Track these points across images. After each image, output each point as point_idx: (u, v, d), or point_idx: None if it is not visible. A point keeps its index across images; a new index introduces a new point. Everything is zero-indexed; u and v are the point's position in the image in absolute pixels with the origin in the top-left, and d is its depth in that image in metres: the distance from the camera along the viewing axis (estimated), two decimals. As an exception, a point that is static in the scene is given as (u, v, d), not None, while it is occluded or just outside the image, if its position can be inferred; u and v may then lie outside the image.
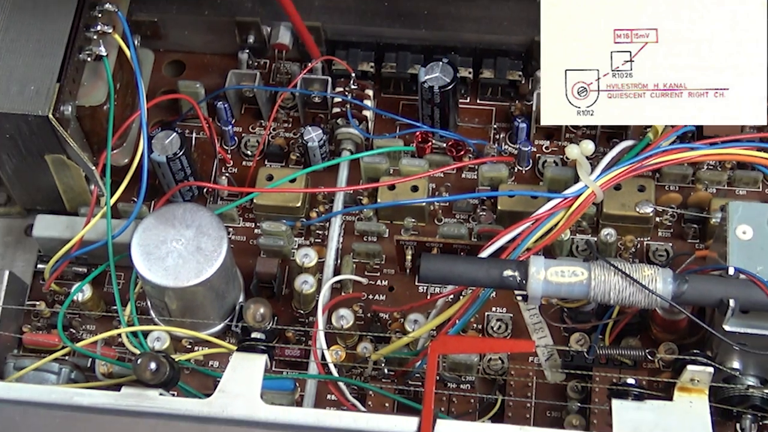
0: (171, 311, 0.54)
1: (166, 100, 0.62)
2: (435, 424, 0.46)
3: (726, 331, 0.47)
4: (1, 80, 0.53)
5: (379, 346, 0.55)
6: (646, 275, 0.47)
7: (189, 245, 0.52)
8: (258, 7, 0.60)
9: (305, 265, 0.56)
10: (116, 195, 0.56)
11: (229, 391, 0.48)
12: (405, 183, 0.58)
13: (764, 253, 0.49)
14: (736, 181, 0.58)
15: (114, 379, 0.53)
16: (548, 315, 0.56)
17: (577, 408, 0.54)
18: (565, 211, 0.53)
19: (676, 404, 0.48)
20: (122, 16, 0.56)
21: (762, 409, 0.50)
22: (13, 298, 0.56)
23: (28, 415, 0.47)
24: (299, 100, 0.61)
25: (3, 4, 0.56)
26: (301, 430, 0.46)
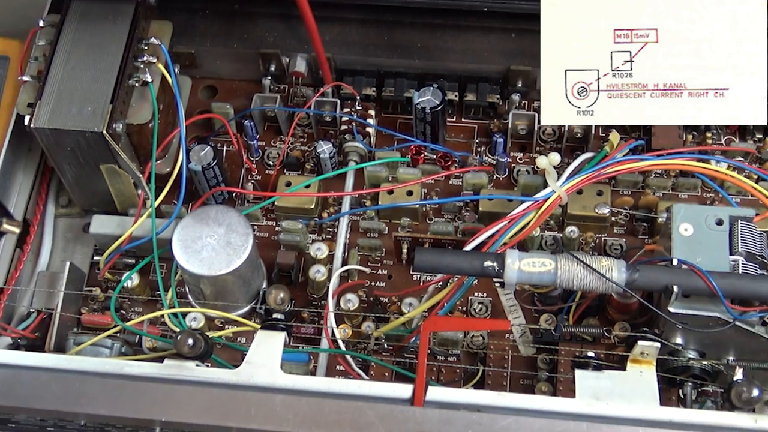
0: (205, 296, 0.54)
1: (201, 119, 0.61)
2: (426, 390, 0.46)
3: (671, 312, 0.47)
4: (63, 102, 0.53)
5: (379, 325, 0.54)
6: (603, 265, 0.47)
7: (221, 240, 0.51)
8: (278, 41, 0.60)
9: (318, 257, 0.56)
10: (159, 198, 0.55)
11: (254, 363, 0.47)
12: (401, 188, 0.58)
13: (702, 247, 0.48)
14: (679, 186, 0.58)
15: (158, 352, 0.53)
16: (521, 299, 0.56)
17: (546, 377, 0.53)
18: (536, 212, 0.52)
19: (628, 374, 0.47)
20: (165, 48, 0.56)
21: (701, 377, 0.50)
22: (73, 284, 0.56)
23: (86, 383, 0.47)
24: (313, 119, 0.61)
25: (65, 39, 0.55)
26: (314, 396, 0.46)
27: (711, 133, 0.58)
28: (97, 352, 0.53)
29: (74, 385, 0.46)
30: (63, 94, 0.53)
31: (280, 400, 0.45)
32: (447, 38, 0.59)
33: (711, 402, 0.50)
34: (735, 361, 0.49)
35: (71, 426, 0.51)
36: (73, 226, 0.61)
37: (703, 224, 0.49)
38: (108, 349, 0.53)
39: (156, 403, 0.46)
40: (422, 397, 0.45)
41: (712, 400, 0.50)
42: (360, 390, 0.46)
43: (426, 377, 0.45)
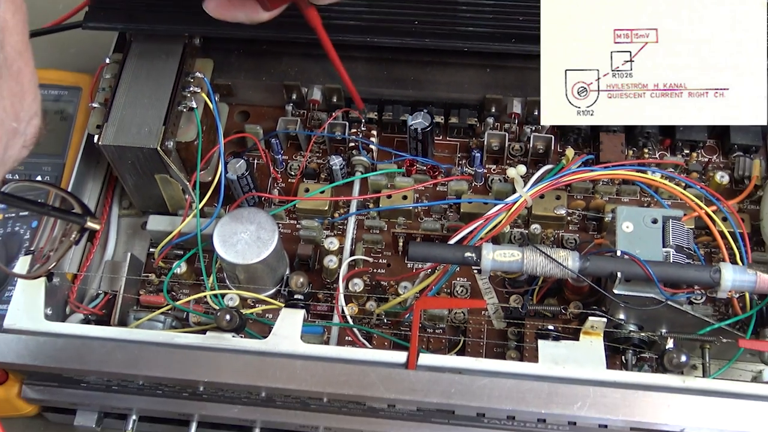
0: (239, 280, 0.54)
1: (236, 138, 0.61)
2: (418, 357, 0.46)
3: (615, 293, 0.47)
4: (125, 124, 0.53)
5: (380, 304, 0.54)
6: (561, 256, 0.47)
7: (252, 236, 0.51)
8: (298, 75, 0.60)
9: (330, 249, 0.55)
10: (203, 201, 0.55)
11: (279, 334, 0.48)
12: (398, 194, 0.58)
13: (641, 241, 0.48)
14: (622, 192, 0.57)
15: (201, 326, 0.53)
16: (495, 283, 0.56)
17: (514, 346, 0.53)
18: (506, 213, 0.52)
19: (581, 343, 0.47)
20: (207, 81, 0.56)
21: (639, 346, 0.50)
22: (133, 271, 0.56)
23: (143, 350, 0.47)
24: (326, 138, 0.60)
25: (127, 73, 0.55)
26: (327, 361, 0.46)
27: (647, 149, 0.58)
28: (152, 326, 0.53)
29: (134, 352, 0.47)
30: (125, 117, 0.53)
31: (300, 365, 0.46)
32: (434, 73, 0.59)
33: (647, 366, 0.50)
34: (667, 333, 0.49)
35: (131, 385, 0.51)
36: (133, 225, 0.61)
37: (641, 222, 0.48)
38: (161, 324, 0.53)
39: (200, 367, 0.46)
40: (415, 362, 0.46)
41: (648, 365, 0.50)
42: (364, 356, 0.47)
43: (418, 346, 0.46)
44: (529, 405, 0.44)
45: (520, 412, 0.45)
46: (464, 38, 0.56)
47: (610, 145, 0.57)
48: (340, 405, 0.49)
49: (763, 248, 0.54)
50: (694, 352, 0.49)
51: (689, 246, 0.49)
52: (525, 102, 0.58)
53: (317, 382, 0.45)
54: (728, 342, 0.48)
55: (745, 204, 0.57)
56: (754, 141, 0.57)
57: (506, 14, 0.56)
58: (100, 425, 0.55)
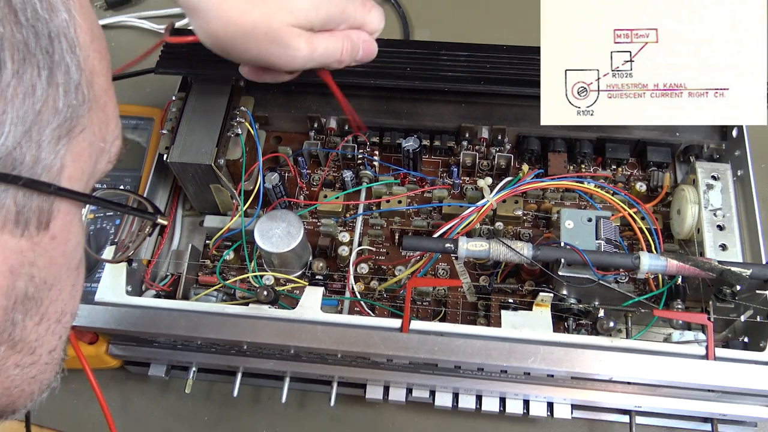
0: (274, 265, 0.54)
1: (272, 157, 0.61)
2: (410, 323, 0.46)
3: (560, 275, 0.47)
4: (187, 146, 0.53)
5: (381, 283, 0.54)
6: (518, 246, 0.47)
7: (283, 231, 0.51)
8: (319, 108, 0.60)
9: (343, 241, 0.55)
10: (246, 205, 0.55)
11: (304, 306, 0.48)
12: (395, 199, 0.58)
13: (579, 235, 0.48)
14: (565, 198, 0.57)
15: (245, 300, 0.53)
16: (468, 267, 0.56)
17: (483, 314, 0.53)
18: (477, 214, 0.52)
19: (534, 313, 0.47)
20: (249, 113, 0.56)
21: (578, 315, 0.50)
22: (193, 258, 0.56)
23: (201, 318, 0.47)
24: (340, 156, 0.60)
25: (188, 108, 0.55)
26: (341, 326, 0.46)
27: (584, 164, 0.58)
28: (208, 300, 0.53)
29: (194, 319, 0.47)
30: (187, 141, 0.53)
31: (320, 329, 0.46)
32: (422, 107, 0.59)
33: (584, 330, 0.51)
34: (599, 305, 0.49)
35: (192, 345, 0.51)
36: (193, 222, 0.60)
37: (580, 221, 0.49)
38: (214, 298, 0.53)
39: (244, 330, 0.47)
40: (407, 327, 0.46)
41: (584, 330, 0.51)
42: (369, 323, 0.47)
43: (409, 315, 0.46)
44: (494, 359, 0.44)
45: (488, 365, 0.46)
46: (444, 81, 0.56)
47: (556, 162, 0.57)
48: (350, 359, 0.50)
49: (671, 240, 0.55)
50: (620, 319, 0.50)
51: (616, 239, 0.49)
52: (491, 129, 0.58)
53: (333, 342, 0.45)
54: (645, 312, 0.49)
55: (658, 207, 0.57)
56: (665, 159, 0.57)
57: (476, 63, 0.56)
58: (168, 375, 0.55)
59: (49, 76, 0.22)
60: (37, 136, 0.22)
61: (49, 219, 0.23)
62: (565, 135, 0.57)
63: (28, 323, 0.23)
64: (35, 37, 0.21)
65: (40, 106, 0.22)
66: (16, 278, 0.22)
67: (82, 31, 0.24)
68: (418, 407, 0.54)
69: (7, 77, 0.21)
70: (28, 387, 0.24)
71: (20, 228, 0.22)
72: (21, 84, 0.21)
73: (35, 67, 0.21)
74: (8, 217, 0.21)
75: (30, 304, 0.23)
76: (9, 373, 0.23)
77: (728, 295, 0.47)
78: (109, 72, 0.26)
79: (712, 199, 0.52)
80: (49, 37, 0.22)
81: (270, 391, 0.56)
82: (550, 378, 0.48)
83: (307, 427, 0.55)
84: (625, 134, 0.56)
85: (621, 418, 0.52)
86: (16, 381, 0.23)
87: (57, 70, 0.22)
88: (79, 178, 0.24)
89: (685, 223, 0.52)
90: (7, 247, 0.21)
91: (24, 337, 0.23)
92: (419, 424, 0.54)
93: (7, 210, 0.21)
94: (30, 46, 0.21)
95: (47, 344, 0.24)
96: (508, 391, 0.49)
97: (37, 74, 0.21)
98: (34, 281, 0.23)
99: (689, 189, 0.53)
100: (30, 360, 0.24)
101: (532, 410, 0.50)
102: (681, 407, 0.48)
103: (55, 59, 0.22)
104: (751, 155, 0.52)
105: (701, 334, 0.48)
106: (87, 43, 0.24)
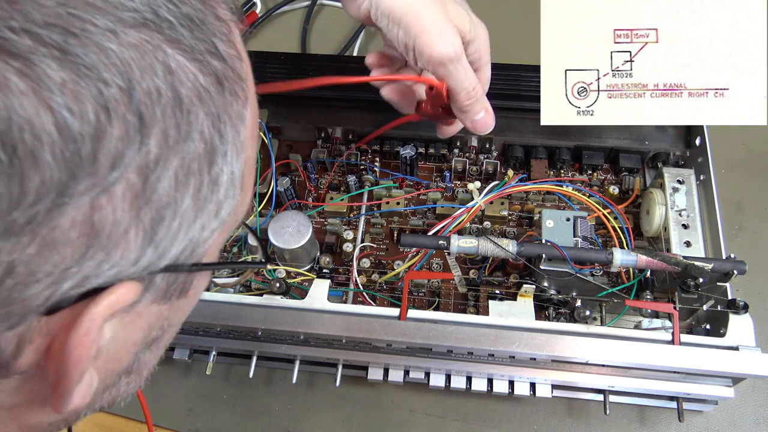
0: (286, 259, 0.53)
1: (283, 163, 0.60)
2: (407, 312, 0.46)
3: (541, 268, 0.47)
4: None
5: (381, 275, 0.54)
6: (504, 243, 0.47)
7: (294, 229, 0.51)
8: (326, 119, 0.59)
9: (348, 238, 0.55)
10: (260, 206, 0.55)
11: (313, 296, 0.47)
12: (393, 200, 0.57)
13: (559, 233, 0.48)
14: (546, 200, 0.57)
15: (260, 291, 0.53)
16: (459, 261, 0.55)
17: (473, 304, 0.53)
18: (467, 214, 0.52)
19: (518, 303, 0.47)
20: (263, 124, 0.56)
21: (557, 305, 0.50)
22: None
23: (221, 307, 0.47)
24: (344, 163, 0.60)
25: None
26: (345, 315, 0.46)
27: (563, 170, 0.58)
28: (227, 291, 0.52)
29: (214, 308, 0.47)
30: None
31: (327, 317, 0.46)
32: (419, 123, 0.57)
33: (563, 318, 0.51)
34: (576, 296, 0.49)
35: (212, 331, 0.51)
36: None
37: (559, 220, 0.49)
38: (232, 289, 0.53)
39: (259, 318, 0.46)
40: (405, 315, 0.46)
41: (563, 318, 0.51)
42: (370, 311, 0.47)
43: (407, 305, 0.46)
44: (483, 344, 0.44)
45: (477, 350, 0.45)
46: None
47: (538, 168, 0.57)
48: (353, 344, 0.49)
49: (641, 238, 0.55)
50: (595, 308, 0.49)
51: (591, 236, 0.49)
52: (479, 138, 0.58)
53: (338, 329, 0.45)
54: (618, 301, 0.49)
55: (629, 208, 0.57)
56: (636, 165, 0.57)
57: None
58: (191, 358, 0.55)
59: (214, 186, 0.20)
60: (198, 236, 0.20)
61: (189, 288, 0.23)
62: (546, 143, 0.57)
63: (148, 356, 0.24)
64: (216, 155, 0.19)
65: (212, 208, 0.20)
66: (152, 330, 0.23)
67: (247, 129, 0.21)
68: (414, 387, 0.54)
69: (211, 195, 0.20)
70: (127, 393, 0.26)
71: (165, 299, 0.22)
72: (197, 202, 0.20)
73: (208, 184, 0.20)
74: (158, 294, 0.21)
75: (154, 344, 0.24)
76: (120, 390, 0.25)
77: (692, 287, 0.47)
78: (255, 148, 0.24)
79: (677, 201, 0.52)
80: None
81: (282, 372, 0.56)
82: (532, 361, 0.48)
83: (315, 404, 0.55)
84: (599, 142, 0.56)
85: (596, 396, 0.52)
86: (122, 393, 0.25)
87: (220, 179, 0.20)
88: (216, 248, 0.23)
89: (653, 222, 0.52)
90: (151, 314, 0.21)
91: (139, 365, 0.24)
92: (415, 401, 0.54)
93: (158, 289, 0.21)
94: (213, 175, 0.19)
95: (151, 364, 0.26)
96: (494, 372, 0.49)
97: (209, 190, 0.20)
98: (163, 328, 0.23)
99: (657, 192, 0.53)
100: (138, 379, 0.26)
101: (517, 390, 0.50)
102: (650, 387, 0.48)
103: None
104: (712, 161, 0.52)
105: (668, 322, 0.49)
106: (248, 138, 0.22)
